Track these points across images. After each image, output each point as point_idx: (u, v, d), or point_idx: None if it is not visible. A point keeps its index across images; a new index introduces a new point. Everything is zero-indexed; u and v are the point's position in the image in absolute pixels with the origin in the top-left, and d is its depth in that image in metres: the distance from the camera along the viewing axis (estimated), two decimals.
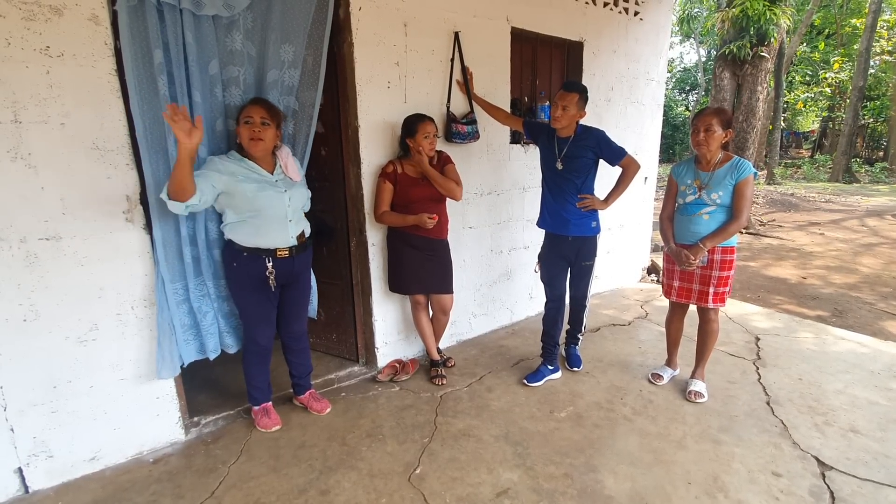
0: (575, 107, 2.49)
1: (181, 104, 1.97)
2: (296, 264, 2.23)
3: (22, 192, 1.76)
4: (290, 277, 2.25)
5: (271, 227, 2.10)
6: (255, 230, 2.08)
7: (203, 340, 2.27)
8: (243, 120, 2.02)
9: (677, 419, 2.41)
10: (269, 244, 2.12)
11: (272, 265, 2.14)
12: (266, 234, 2.10)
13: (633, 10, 3.87)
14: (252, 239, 2.09)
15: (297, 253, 2.21)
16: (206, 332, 2.26)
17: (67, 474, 2.03)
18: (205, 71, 2.04)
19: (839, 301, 4.37)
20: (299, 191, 2.22)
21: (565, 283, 2.79)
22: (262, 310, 2.22)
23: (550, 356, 2.82)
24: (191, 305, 2.20)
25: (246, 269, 2.13)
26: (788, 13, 7.63)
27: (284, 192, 2.13)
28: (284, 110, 2.34)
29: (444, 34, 2.84)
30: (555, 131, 2.61)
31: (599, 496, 1.92)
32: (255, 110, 2.03)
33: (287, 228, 2.15)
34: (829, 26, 18.85)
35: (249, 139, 2.02)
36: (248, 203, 2.04)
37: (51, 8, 1.73)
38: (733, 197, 2.35)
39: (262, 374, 2.35)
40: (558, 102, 2.49)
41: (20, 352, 1.85)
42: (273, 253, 2.13)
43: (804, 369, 2.88)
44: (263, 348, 2.28)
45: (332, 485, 2.00)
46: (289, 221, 2.15)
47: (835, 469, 2.04)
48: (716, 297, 2.48)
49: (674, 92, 25.91)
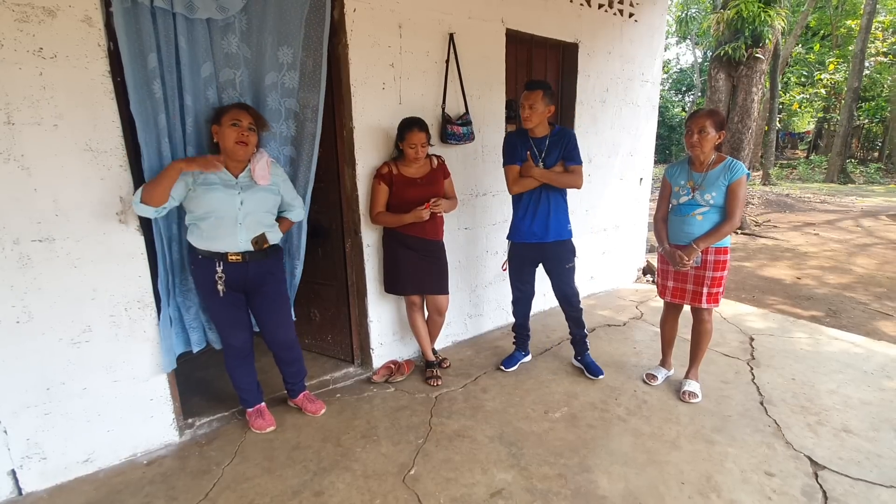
0: (541, 103, 2.51)
1: (173, 107, 1.98)
2: (250, 270, 2.14)
3: (15, 194, 1.76)
4: (247, 284, 2.17)
5: (220, 230, 2.04)
6: (205, 232, 2.04)
7: (188, 333, 2.32)
8: (230, 122, 1.98)
9: (671, 419, 2.42)
10: (220, 248, 2.06)
11: (222, 269, 2.07)
12: (215, 237, 2.04)
13: (627, 12, 3.88)
14: (204, 242, 2.05)
15: (251, 259, 2.12)
16: (190, 325, 2.31)
17: (61, 476, 2.03)
18: (197, 74, 2.04)
19: (833, 301, 4.39)
20: (259, 195, 2.10)
21: (533, 285, 2.90)
22: (226, 313, 2.18)
23: (523, 343, 3.04)
24: (175, 301, 2.24)
25: (202, 272, 2.10)
26: (783, 15, 7.67)
27: (237, 194, 2.04)
28: (286, 113, 2.35)
29: (438, 36, 2.85)
30: (527, 135, 2.62)
31: (593, 496, 1.92)
32: (242, 114, 2.00)
33: (236, 232, 2.06)
34: (825, 27, 18.94)
35: (236, 142, 1.98)
36: (197, 203, 1.99)
37: (44, 9, 1.73)
38: (726, 198, 2.36)
39: (246, 376, 2.33)
40: (524, 103, 2.52)
41: (13, 354, 1.85)
42: (224, 257, 2.07)
43: (798, 369, 2.89)
44: (238, 350, 2.25)
45: (326, 486, 2.00)
46: (238, 224, 2.06)
47: (827, 469, 2.05)
48: (710, 298, 2.49)
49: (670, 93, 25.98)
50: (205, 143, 2.14)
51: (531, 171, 2.58)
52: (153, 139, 1.98)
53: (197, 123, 2.09)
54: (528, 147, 2.62)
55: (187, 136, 2.08)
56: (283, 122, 2.37)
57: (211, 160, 1.94)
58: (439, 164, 2.71)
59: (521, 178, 2.63)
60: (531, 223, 2.67)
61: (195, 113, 2.07)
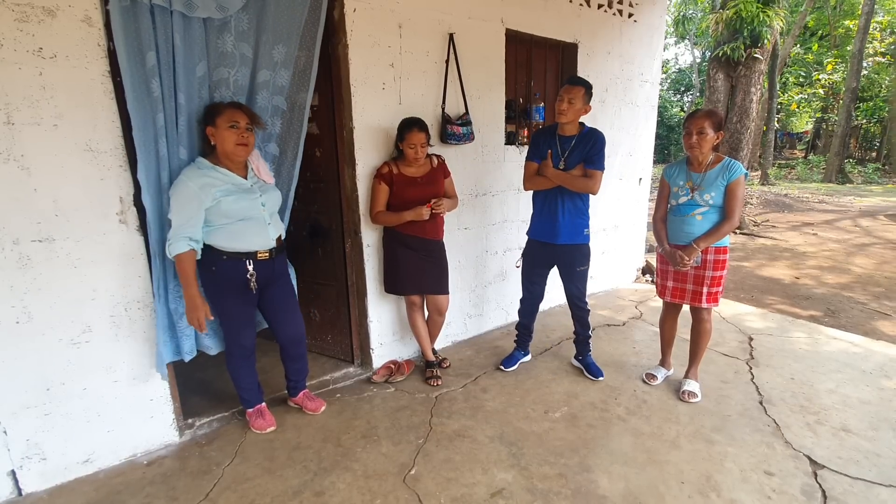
0: (581, 100, 2.49)
1: (167, 106, 1.97)
2: (276, 265, 2.23)
3: (14, 194, 1.76)
4: (270, 279, 2.23)
5: (252, 232, 2.09)
6: (235, 235, 2.06)
7: (178, 342, 2.23)
8: (227, 124, 1.96)
9: (671, 419, 2.43)
10: (250, 247, 2.10)
11: (253, 268, 2.12)
12: (246, 238, 2.08)
13: (627, 12, 3.89)
14: (232, 243, 2.06)
15: (276, 255, 2.21)
16: (182, 333, 2.21)
17: (61, 477, 2.03)
18: (192, 73, 2.01)
19: (832, 301, 4.40)
20: (273, 194, 2.20)
21: (543, 287, 2.89)
22: (244, 312, 2.20)
23: (524, 343, 3.03)
24: (168, 307, 2.16)
25: (226, 273, 2.10)
26: (782, 15, 7.68)
27: (259, 196, 2.10)
28: (273, 111, 2.33)
29: (438, 36, 2.85)
30: (555, 132, 2.61)
31: (593, 496, 1.92)
32: (239, 115, 1.99)
33: (266, 231, 2.14)
34: (823, 28, 18.99)
35: (236, 144, 1.99)
36: (228, 214, 2.02)
37: (44, 9, 1.72)
38: (725, 197, 2.37)
39: (249, 376, 2.33)
40: (564, 96, 2.48)
41: (13, 354, 1.85)
42: (254, 255, 2.12)
43: (797, 369, 2.90)
44: (248, 350, 2.27)
45: (326, 486, 2.00)
46: (267, 225, 2.14)
47: (826, 468, 2.06)
48: (709, 297, 2.49)
49: (669, 93, 26.02)
50: (196, 144, 2.10)
51: (545, 170, 2.57)
52: (151, 139, 1.96)
53: (189, 123, 2.06)
54: (550, 145, 2.60)
55: (179, 135, 2.03)
56: (269, 119, 2.33)
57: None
58: (439, 164, 2.71)
59: (537, 176, 2.63)
60: (544, 222, 2.69)
61: (188, 112, 2.03)
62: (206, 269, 2.10)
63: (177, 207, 1.94)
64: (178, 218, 1.94)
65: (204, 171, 1.99)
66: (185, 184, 1.93)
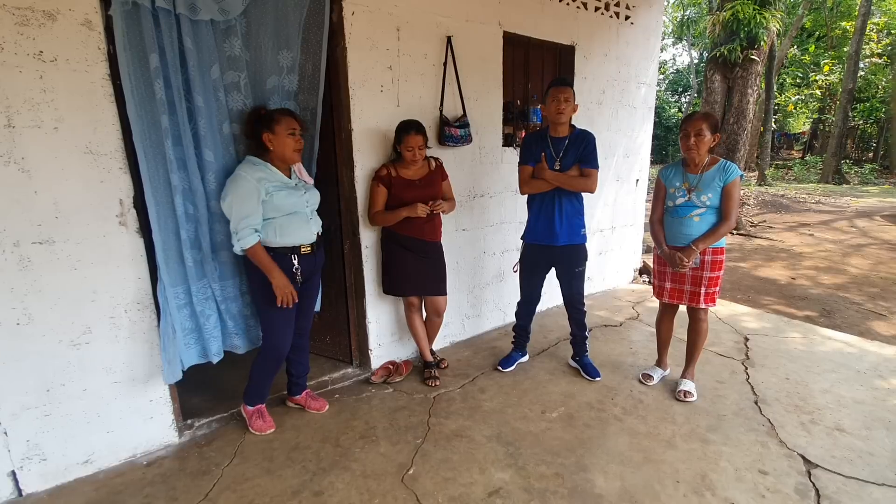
0: (573, 99, 2.55)
1: (179, 108, 1.99)
2: (317, 259, 2.33)
3: (15, 196, 1.77)
4: (312, 272, 2.33)
5: (296, 226, 2.19)
6: (282, 229, 2.15)
7: (205, 344, 2.27)
8: (287, 131, 2.09)
9: (667, 419, 2.45)
10: (295, 242, 2.20)
11: (297, 261, 2.21)
12: (293, 232, 2.18)
13: (623, 15, 3.91)
14: (278, 238, 2.16)
15: (316, 249, 2.31)
16: (210, 335, 2.27)
17: (61, 477, 2.04)
18: (206, 75, 2.05)
19: (827, 301, 4.43)
20: (314, 192, 2.32)
21: (541, 289, 2.91)
22: (289, 311, 2.25)
23: (521, 344, 3.06)
24: (193, 309, 2.21)
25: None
26: (778, 16, 7.72)
27: (304, 193, 2.23)
28: None
29: (436, 38, 2.87)
30: (546, 135, 2.63)
31: (590, 495, 1.94)
32: (295, 123, 2.12)
33: (309, 226, 2.25)
34: (820, 29, 19.06)
35: (294, 150, 2.14)
36: (278, 208, 2.12)
37: (44, 13, 1.74)
38: (722, 199, 2.39)
39: (271, 379, 2.38)
40: (559, 96, 2.51)
41: (13, 355, 1.86)
42: (298, 250, 2.21)
43: (792, 369, 2.92)
44: (283, 353, 2.33)
45: (325, 486, 2.01)
46: (310, 220, 2.25)
47: (820, 467, 2.08)
48: (707, 298, 2.52)
49: (666, 94, 26.08)
50: (228, 146, 2.18)
51: (543, 173, 2.59)
52: (156, 141, 1.97)
53: (211, 125, 2.09)
54: (543, 148, 2.62)
55: (202, 138, 2.08)
56: None
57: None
58: (437, 167, 2.72)
59: (533, 179, 2.65)
60: (543, 225, 2.69)
61: (208, 115, 2.07)
62: (255, 266, 2.16)
63: (238, 201, 2.03)
64: (241, 210, 2.03)
65: (259, 166, 2.11)
66: (245, 178, 2.04)
